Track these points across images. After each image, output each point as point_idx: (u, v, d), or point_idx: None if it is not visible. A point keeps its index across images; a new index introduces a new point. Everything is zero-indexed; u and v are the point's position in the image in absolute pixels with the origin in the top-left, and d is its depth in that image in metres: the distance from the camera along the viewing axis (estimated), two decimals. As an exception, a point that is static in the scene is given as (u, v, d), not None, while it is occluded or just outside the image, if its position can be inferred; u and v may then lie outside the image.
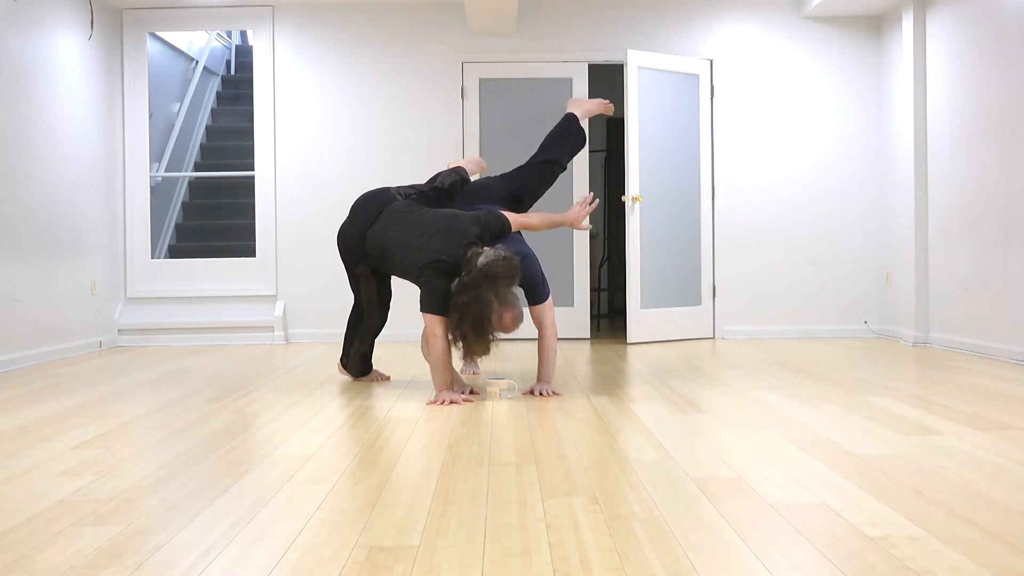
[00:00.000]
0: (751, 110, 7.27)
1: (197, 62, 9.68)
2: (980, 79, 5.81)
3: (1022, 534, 2.04)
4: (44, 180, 6.06)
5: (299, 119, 7.30)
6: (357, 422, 3.56)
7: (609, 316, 10.01)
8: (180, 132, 9.16)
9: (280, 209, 7.29)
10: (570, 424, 3.45)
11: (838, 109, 7.27)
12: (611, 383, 4.63)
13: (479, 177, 5.35)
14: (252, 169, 7.43)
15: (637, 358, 5.80)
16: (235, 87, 10.43)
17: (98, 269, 6.84)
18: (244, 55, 10.68)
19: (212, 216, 9.05)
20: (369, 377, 4.80)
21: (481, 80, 7.29)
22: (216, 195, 9.32)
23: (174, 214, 8.98)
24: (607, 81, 8.20)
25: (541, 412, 3.74)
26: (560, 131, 5.00)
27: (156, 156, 8.53)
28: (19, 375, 5.22)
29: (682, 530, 2.08)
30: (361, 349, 4.72)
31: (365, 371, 4.78)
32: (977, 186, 5.86)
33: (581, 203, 4.52)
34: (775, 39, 7.28)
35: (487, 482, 2.56)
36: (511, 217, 4.36)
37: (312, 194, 7.27)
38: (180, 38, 9.15)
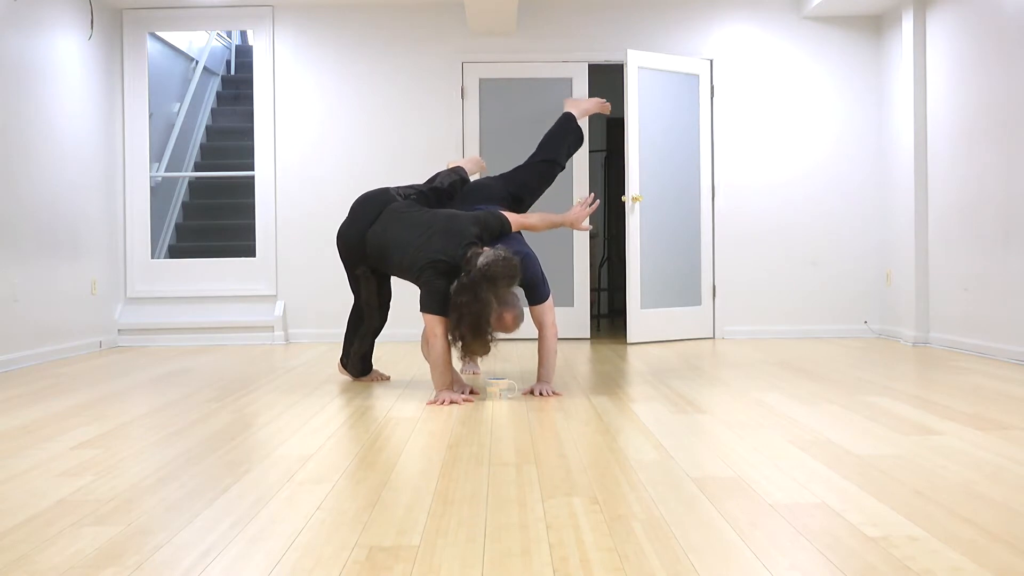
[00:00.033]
0: (751, 110, 7.27)
1: (197, 62, 9.68)
2: (980, 79, 5.81)
3: (1022, 534, 2.04)
4: (44, 180, 6.06)
5: (299, 119, 7.30)
6: (357, 422, 3.56)
7: (609, 316, 10.02)
8: (180, 132, 9.16)
9: (280, 209, 7.29)
10: (570, 424, 3.45)
11: (838, 109, 7.27)
12: (611, 383, 4.63)
13: (479, 177, 5.35)
14: (252, 169, 7.43)
15: (637, 358, 5.80)
16: (235, 87, 10.43)
17: (98, 269, 6.85)
18: (244, 55, 10.68)
19: (212, 216, 9.05)
20: (369, 377, 4.80)
21: (481, 80, 7.29)
22: (216, 195, 9.32)
23: (174, 214, 8.98)
24: (607, 81, 8.20)
25: (541, 412, 3.74)
26: (558, 131, 5.00)
27: (156, 156, 8.53)
28: (19, 375, 5.22)
29: (682, 530, 2.08)
30: (361, 349, 4.72)
31: (365, 371, 4.78)
32: (977, 186, 5.86)
33: (581, 204, 4.52)
34: (775, 39, 7.28)
35: (487, 482, 2.56)
36: (511, 217, 4.36)
37: (312, 194, 7.27)
38: (180, 38, 9.15)
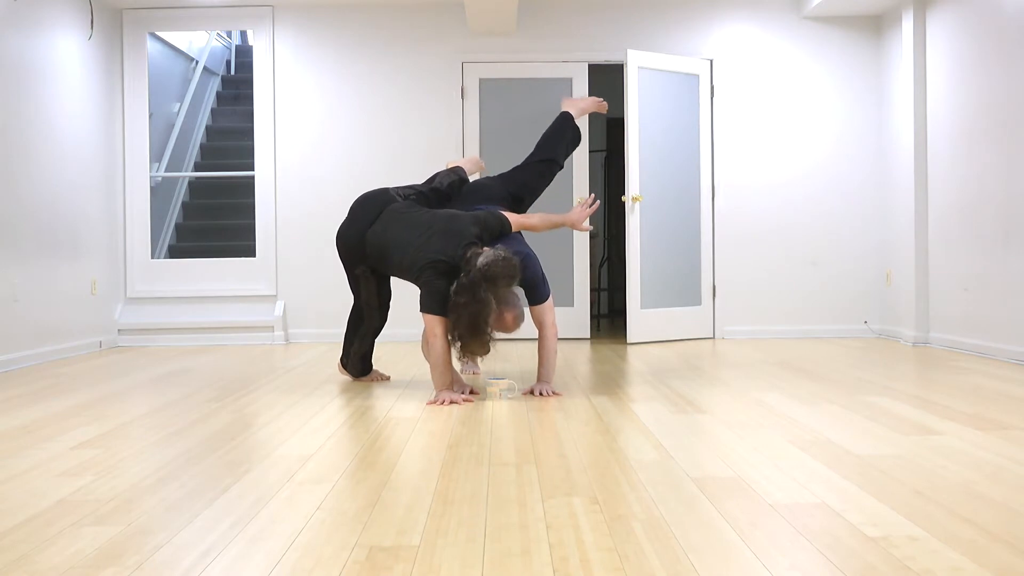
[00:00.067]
0: (751, 110, 7.27)
1: (197, 62, 9.68)
2: (980, 79, 5.81)
3: (1022, 534, 2.04)
4: (44, 180, 6.06)
5: (299, 119, 7.30)
6: (357, 422, 3.56)
7: (609, 316, 10.01)
8: (180, 132, 9.16)
9: (280, 209, 7.29)
10: (570, 424, 3.45)
11: (838, 109, 7.27)
12: (611, 383, 4.63)
13: (478, 177, 5.35)
14: (252, 169, 7.43)
15: (637, 358, 5.80)
16: (235, 87, 10.43)
17: (98, 269, 6.85)
18: (244, 55, 10.67)
19: (212, 216, 9.05)
20: (369, 377, 4.80)
21: (481, 80, 7.29)
22: (216, 195, 9.32)
23: (174, 214, 8.98)
24: (607, 81, 8.20)
25: (541, 412, 3.74)
26: (556, 130, 5.00)
27: (156, 156, 8.53)
28: (19, 375, 5.22)
29: (682, 530, 2.08)
30: (361, 349, 4.72)
31: (365, 371, 4.78)
32: (977, 186, 5.86)
33: (582, 204, 4.52)
34: (775, 39, 7.28)
35: (487, 482, 2.56)
36: (511, 217, 4.36)
37: (312, 194, 7.27)
38: (180, 38, 9.15)
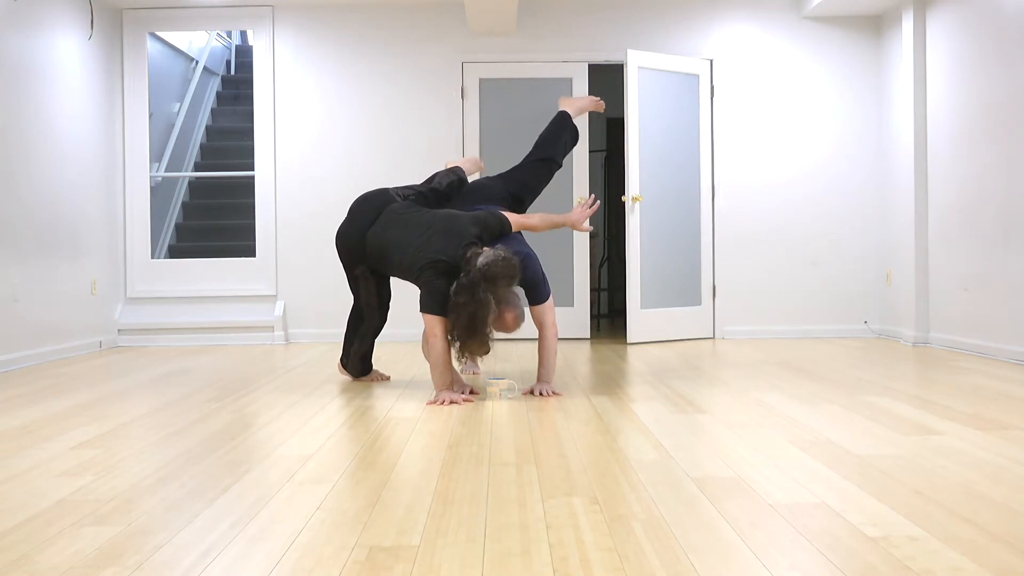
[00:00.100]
0: (751, 110, 7.27)
1: (197, 62, 9.68)
2: (980, 79, 5.81)
3: (1022, 534, 2.04)
4: (44, 180, 6.06)
5: (299, 119, 7.30)
6: (357, 422, 3.56)
7: (609, 316, 10.02)
8: (180, 132, 9.16)
9: (280, 209, 7.29)
10: (570, 424, 3.45)
11: (838, 109, 7.27)
12: (611, 383, 4.63)
13: (477, 177, 5.35)
14: (252, 169, 7.43)
15: (637, 358, 5.80)
16: (235, 87, 10.43)
17: (98, 269, 6.84)
18: (244, 55, 10.67)
19: (212, 216, 9.05)
20: (369, 377, 4.80)
21: (481, 80, 7.29)
22: (216, 195, 9.32)
23: (174, 214, 8.98)
24: (607, 81, 8.20)
25: (541, 412, 3.74)
26: (554, 129, 5.01)
27: (156, 156, 8.53)
28: (19, 375, 5.22)
29: (682, 530, 2.08)
30: (361, 349, 4.72)
31: (365, 371, 4.78)
32: (977, 186, 5.86)
33: (582, 205, 4.52)
34: (775, 39, 7.28)
35: (487, 482, 2.56)
36: (511, 217, 4.36)
37: (312, 194, 7.27)
38: (180, 38, 9.15)
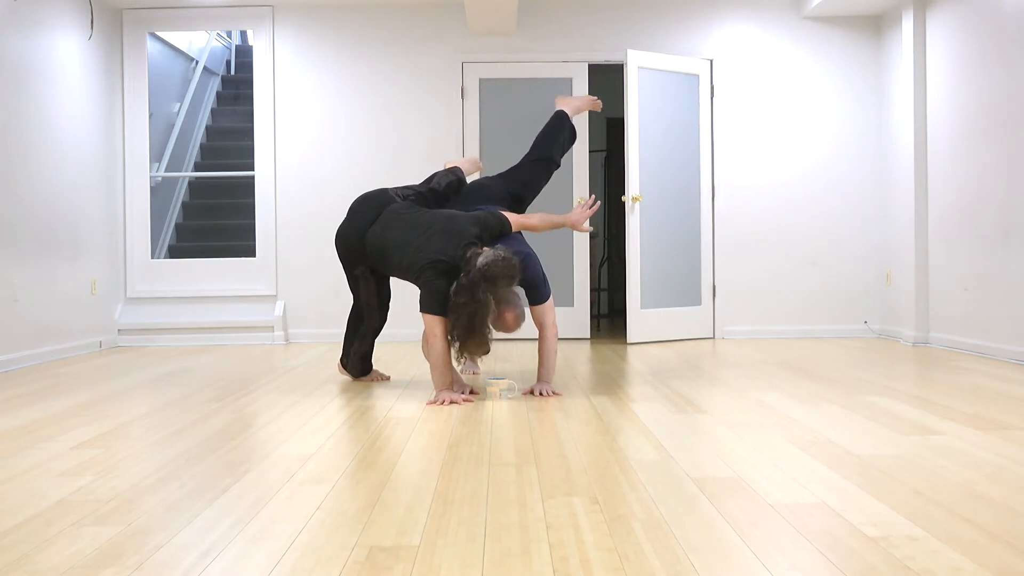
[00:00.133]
0: (751, 110, 7.27)
1: (197, 62, 9.68)
2: (980, 79, 5.81)
3: (1022, 534, 2.04)
4: (44, 180, 6.06)
5: (299, 119, 7.30)
6: (357, 422, 3.56)
7: (609, 316, 10.01)
8: (180, 132, 9.16)
9: (280, 209, 7.29)
10: (570, 424, 3.45)
11: (838, 109, 7.27)
12: (611, 383, 4.63)
13: (477, 177, 5.35)
14: (252, 169, 7.43)
15: (637, 358, 5.80)
16: (235, 87, 10.43)
17: (98, 269, 6.84)
18: (244, 55, 10.67)
19: (212, 216, 9.05)
20: (369, 377, 4.80)
21: (481, 80, 7.28)
22: (216, 195, 9.32)
23: (174, 214, 8.98)
24: (607, 81, 8.20)
25: (541, 412, 3.74)
26: (552, 129, 5.01)
27: (156, 156, 8.53)
28: (19, 375, 5.22)
29: (682, 530, 2.08)
30: (361, 349, 4.72)
31: (365, 371, 4.78)
32: (977, 186, 5.86)
33: (583, 205, 4.53)
34: (775, 39, 7.28)
35: (487, 482, 2.56)
36: (511, 217, 4.36)
37: (312, 194, 7.27)
38: (180, 38, 9.15)
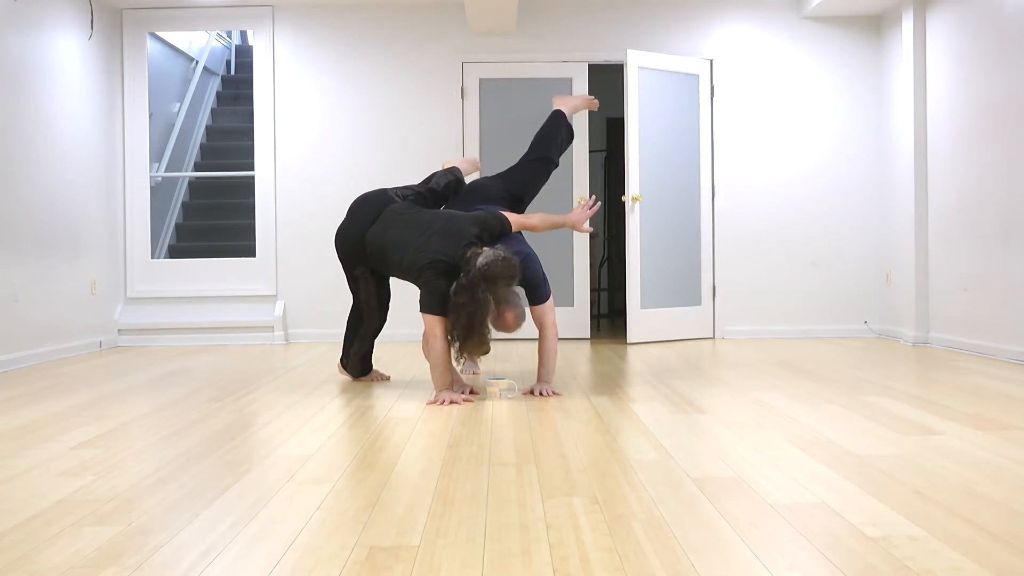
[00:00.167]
0: (751, 110, 7.27)
1: (197, 62, 9.68)
2: (980, 79, 5.81)
3: (1022, 534, 2.04)
4: (44, 180, 6.06)
5: (299, 119, 7.30)
6: (357, 422, 3.56)
7: (609, 316, 10.01)
8: (180, 132, 9.16)
9: (280, 209, 7.29)
10: (570, 424, 3.45)
11: (838, 109, 7.27)
12: (611, 383, 4.63)
13: (476, 177, 5.35)
14: (252, 169, 7.43)
15: (637, 358, 5.80)
16: (235, 87, 10.43)
17: (98, 269, 6.84)
18: (244, 55, 10.67)
19: (212, 216, 9.05)
20: (369, 377, 4.80)
21: (481, 80, 7.28)
22: (216, 195, 9.32)
23: (174, 214, 8.98)
24: (607, 81, 8.19)
25: (541, 412, 3.74)
26: (549, 128, 5.01)
27: (156, 156, 8.53)
28: (19, 375, 5.22)
29: (682, 530, 2.08)
30: (361, 350, 4.72)
31: (365, 371, 4.78)
32: (977, 186, 5.86)
33: (583, 206, 4.53)
34: (775, 39, 7.28)
35: (487, 482, 2.56)
36: (511, 217, 4.36)
37: (312, 194, 7.27)
38: (180, 38, 9.15)
